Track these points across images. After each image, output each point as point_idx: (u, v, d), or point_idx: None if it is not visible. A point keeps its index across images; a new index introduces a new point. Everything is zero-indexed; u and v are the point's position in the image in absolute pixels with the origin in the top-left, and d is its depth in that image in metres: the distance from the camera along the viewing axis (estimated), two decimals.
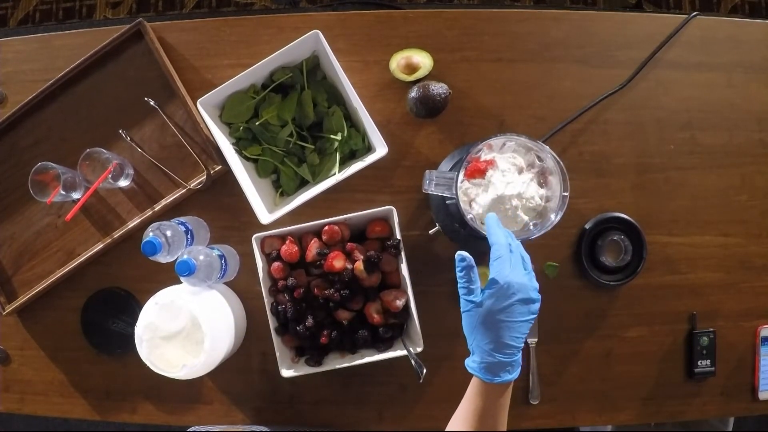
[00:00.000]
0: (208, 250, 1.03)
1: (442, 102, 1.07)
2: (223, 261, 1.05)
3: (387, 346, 1.05)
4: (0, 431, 1.98)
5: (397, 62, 1.11)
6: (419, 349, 1.01)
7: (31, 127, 1.17)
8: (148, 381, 1.11)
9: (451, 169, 1.01)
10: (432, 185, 0.88)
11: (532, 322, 0.75)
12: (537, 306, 0.75)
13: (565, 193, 0.87)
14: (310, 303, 1.03)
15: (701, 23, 1.14)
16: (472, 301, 0.76)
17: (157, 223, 1.02)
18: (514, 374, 0.74)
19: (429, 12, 1.15)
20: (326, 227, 1.03)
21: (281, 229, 1.03)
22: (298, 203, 1.03)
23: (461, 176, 0.89)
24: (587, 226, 1.10)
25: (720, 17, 2.02)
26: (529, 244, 1.07)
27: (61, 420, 1.21)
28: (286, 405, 1.13)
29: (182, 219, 1.09)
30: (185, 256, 0.96)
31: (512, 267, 0.74)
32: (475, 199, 0.89)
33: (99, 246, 1.14)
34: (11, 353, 1.18)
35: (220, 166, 1.11)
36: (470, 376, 0.81)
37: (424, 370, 0.98)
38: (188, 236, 1.05)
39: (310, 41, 1.04)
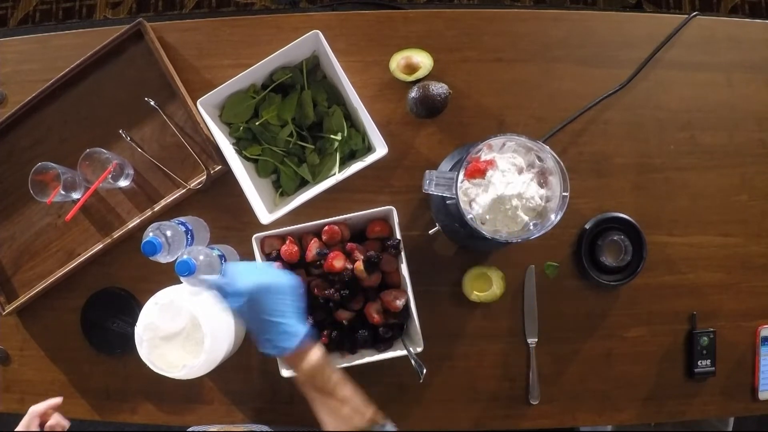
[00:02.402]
0: (208, 250, 1.03)
1: (442, 102, 1.07)
2: (222, 261, 1.05)
3: (387, 346, 1.05)
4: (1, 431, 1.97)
5: (397, 62, 1.11)
6: (419, 349, 1.01)
7: (31, 127, 1.17)
8: (148, 381, 1.11)
9: (451, 169, 1.01)
10: (432, 185, 0.88)
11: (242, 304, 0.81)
12: (229, 297, 0.82)
13: (565, 193, 0.87)
14: (310, 303, 1.03)
15: (701, 23, 1.14)
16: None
17: (157, 223, 1.02)
18: (289, 344, 0.81)
19: (429, 12, 1.15)
20: (326, 227, 1.03)
21: (281, 229, 1.03)
22: (298, 203, 1.03)
23: (461, 176, 0.89)
24: (587, 226, 1.10)
25: (720, 17, 2.02)
26: (529, 244, 1.07)
27: None
28: (286, 405, 1.13)
29: (182, 219, 1.09)
30: (185, 257, 0.96)
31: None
32: (475, 199, 0.89)
33: (99, 246, 1.14)
34: (11, 353, 1.18)
35: (220, 166, 1.11)
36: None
37: (424, 370, 0.98)
38: (188, 236, 1.05)
39: (310, 41, 1.04)
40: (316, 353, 0.83)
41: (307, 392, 0.84)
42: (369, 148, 1.10)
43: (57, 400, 0.96)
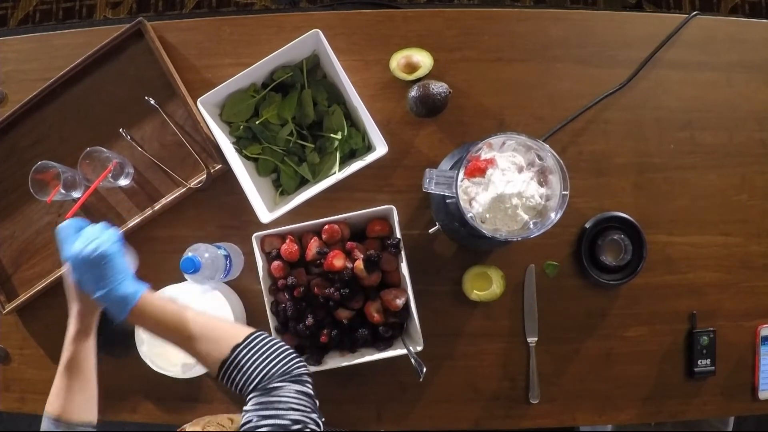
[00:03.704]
0: (213, 248, 1.03)
1: (442, 101, 1.07)
2: (228, 261, 1.05)
3: (387, 345, 1.05)
4: (1, 431, 1.98)
5: (397, 61, 1.11)
6: (419, 348, 1.01)
7: (32, 126, 1.17)
8: (148, 380, 1.11)
9: (451, 168, 1.01)
10: (432, 184, 0.88)
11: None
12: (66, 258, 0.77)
13: (565, 192, 0.86)
14: (310, 302, 1.03)
15: (701, 23, 1.14)
16: None
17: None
18: (122, 313, 0.77)
19: (429, 11, 1.15)
20: (326, 226, 1.03)
21: (281, 228, 1.03)
22: (299, 202, 1.03)
23: (461, 175, 0.89)
24: (587, 226, 1.10)
25: (720, 17, 2.02)
26: (529, 243, 1.08)
27: None
28: None
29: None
30: (190, 254, 0.97)
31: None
32: (475, 198, 0.89)
33: None
34: (11, 352, 1.18)
35: (220, 165, 1.11)
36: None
37: (424, 369, 0.98)
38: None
39: (311, 40, 1.04)
40: (151, 310, 0.77)
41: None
42: (369, 147, 1.10)
43: None
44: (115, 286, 0.75)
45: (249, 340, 0.76)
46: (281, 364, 0.74)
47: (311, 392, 0.75)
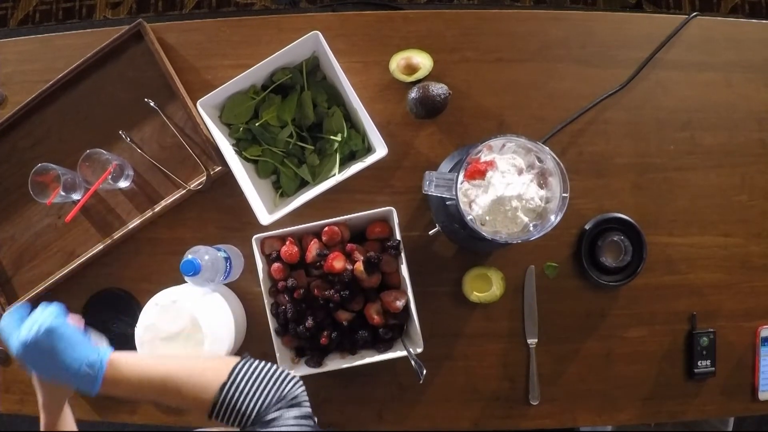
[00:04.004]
0: (214, 250, 1.03)
1: (442, 102, 1.07)
2: (228, 263, 1.05)
3: (387, 346, 1.05)
4: (1, 431, 1.98)
5: (397, 63, 1.11)
6: (419, 350, 1.01)
7: (31, 127, 1.17)
8: None
9: (451, 170, 1.01)
10: (432, 186, 0.88)
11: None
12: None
13: (565, 194, 0.86)
14: (310, 304, 1.03)
15: (701, 23, 1.14)
16: None
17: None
18: (92, 387, 0.73)
19: (429, 12, 1.15)
20: (326, 228, 1.03)
21: (281, 230, 1.03)
22: (298, 204, 1.03)
23: (461, 177, 0.89)
24: (587, 227, 1.10)
25: (720, 17, 2.02)
26: (529, 245, 1.08)
27: None
28: None
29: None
30: (189, 256, 0.97)
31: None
32: (475, 200, 0.89)
33: (99, 247, 1.14)
34: None
35: (220, 167, 1.11)
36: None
37: (424, 371, 0.98)
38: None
39: (310, 42, 1.04)
40: (124, 373, 0.72)
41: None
42: (369, 149, 1.10)
43: None
44: (74, 358, 0.69)
45: (235, 374, 0.73)
46: (274, 390, 0.72)
47: (309, 411, 0.73)
